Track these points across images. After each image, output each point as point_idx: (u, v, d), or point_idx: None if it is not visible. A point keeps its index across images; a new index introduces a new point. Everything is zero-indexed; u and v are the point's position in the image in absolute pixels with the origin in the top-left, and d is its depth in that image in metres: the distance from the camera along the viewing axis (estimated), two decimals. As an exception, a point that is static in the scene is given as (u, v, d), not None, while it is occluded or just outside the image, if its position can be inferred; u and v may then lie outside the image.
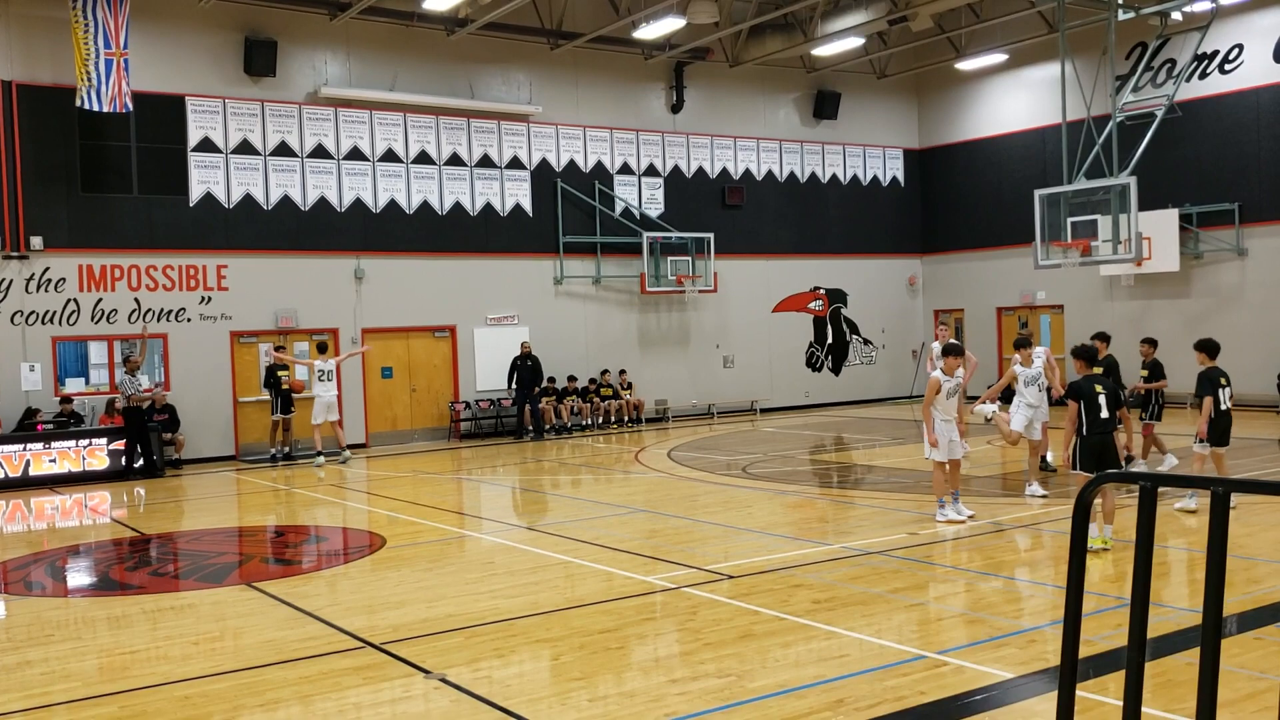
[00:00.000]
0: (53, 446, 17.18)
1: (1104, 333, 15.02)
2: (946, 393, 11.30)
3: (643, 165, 24.65)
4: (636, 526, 11.76)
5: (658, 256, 24.00)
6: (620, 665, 6.80)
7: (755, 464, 16.85)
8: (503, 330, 22.65)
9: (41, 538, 12.99)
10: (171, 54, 19.46)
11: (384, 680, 6.65)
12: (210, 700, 6.36)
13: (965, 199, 27.67)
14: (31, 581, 10.32)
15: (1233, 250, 22.49)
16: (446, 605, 8.46)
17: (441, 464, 18.52)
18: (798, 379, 26.82)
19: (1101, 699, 5.66)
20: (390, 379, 21.76)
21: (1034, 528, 10.89)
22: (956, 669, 6.44)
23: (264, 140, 20.30)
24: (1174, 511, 11.04)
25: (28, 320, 18.25)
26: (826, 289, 27.35)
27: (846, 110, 27.33)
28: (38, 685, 6.79)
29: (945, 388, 11.29)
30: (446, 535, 11.93)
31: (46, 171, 18.39)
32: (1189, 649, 6.47)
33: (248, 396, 20.16)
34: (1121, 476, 3.58)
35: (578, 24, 22.87)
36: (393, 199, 21.56)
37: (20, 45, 18.27)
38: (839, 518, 12.35)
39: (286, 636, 7.70)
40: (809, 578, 8.92)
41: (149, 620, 8.46)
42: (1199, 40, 22.26)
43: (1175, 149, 22.83)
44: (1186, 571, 8.91)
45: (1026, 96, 26.08)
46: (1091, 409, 9.36)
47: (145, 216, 19.24)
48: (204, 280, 19.73)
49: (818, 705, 5.87)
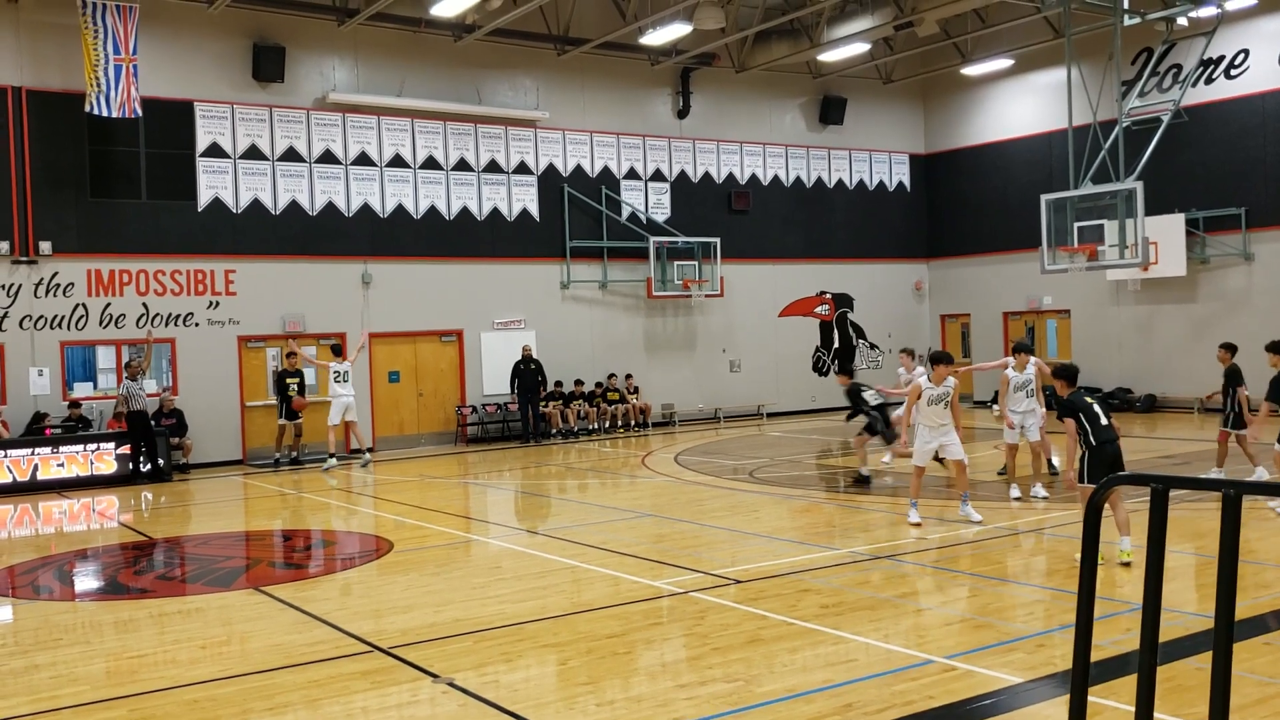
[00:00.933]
0: (61, 451, 17.22)
1: (1230, 343, 14.21)
2: (928, 400, 11.26)
3: (649, 170, 24.68)
4: (643, 531, 11.76)
5: (664, 261, 24.02)
6: (627, 670, 6.80)
7: (762, 468, 16.83)
8: (509, 335, 22.68)
9: (49, 542, 13.01)
10: (180, 60, 19.53)
11: (391, 684, 6.65)
12: (218, 704, 6.37)
13: (971, 204, 27.65)
14: (39, 585, 10.34)
15: (1239, 255, 22.45)
16: (454, 610, 8.46)
17: (448, 468, 18.53)
18: (804, 383, 26.80)
19: (1112, 704, 5.64)
20: (397, 383, 21.78)
21: (1043, 532, 10.87)
22: (965, 674, 6.42)
23: (272, 145, 20.36)
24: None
25: (36, 325, 18.30)
26: (833, 293, 27.34)
27: (852, 115, 27.34)
28: (46, 689, 6.80)
29: (927, 395, 11.26)
30: (453, 540, 11.94)
31: (56, 176, 18.45)
32: (1199, 654, 6.45)
33: (255, 401, 20.20)
34: (1132, 479, 3.57)
35: (585, 30, 22.91)
36: (400, 204, 21.60)
37: (30, 51, 18.34)
38: (846, 522, 12.33)
39: (294, 641, 7.71)
40: (816, 582, 8.90)
41: (157, 624, 8.47)
42: (1205, 45, 22.25)
43: (1182, 154, 22.80)
44: (1195, 575, 8.89)
45: (1032, 102, 26.07)
46: (1091, 419, 9.21)
47: (154, 221, 19.30)
48: (212, 285, 19.78)
49: (826, 710, 5.86)
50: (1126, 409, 23.84)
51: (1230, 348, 13.94)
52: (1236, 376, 13.43)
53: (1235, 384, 13.35)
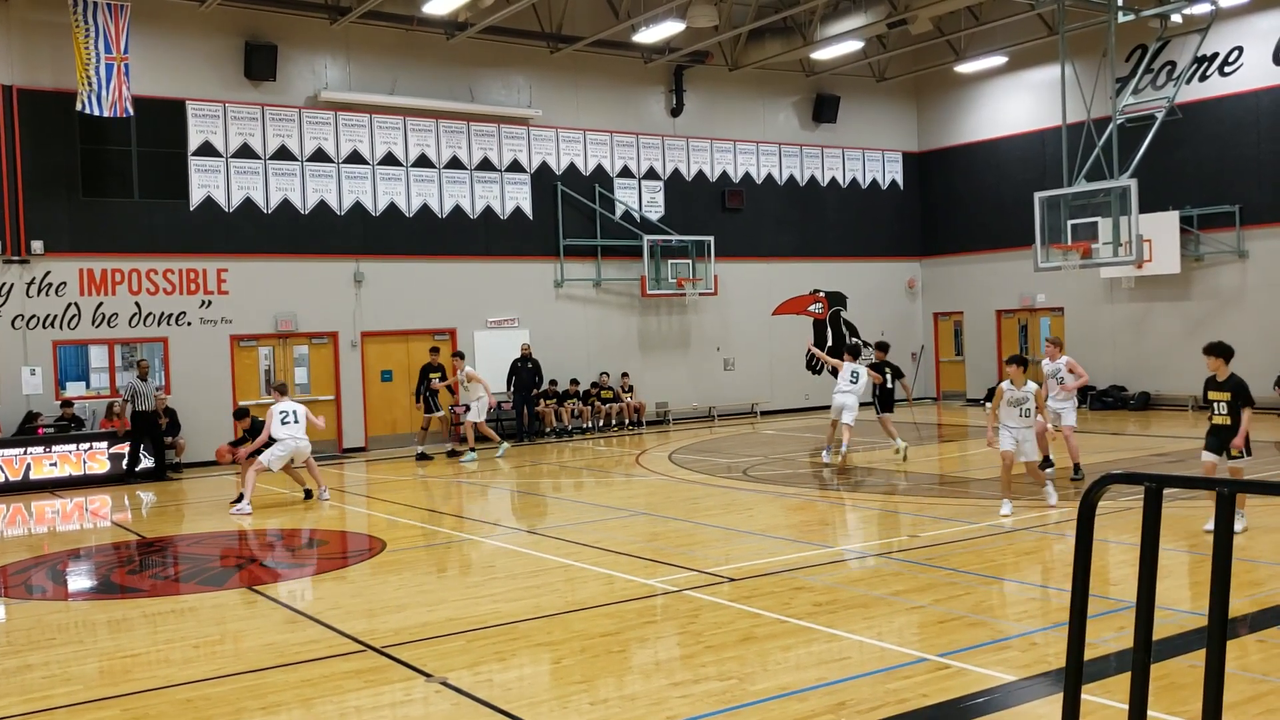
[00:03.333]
0: (53, 450, 17.18)
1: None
2: (1008, 401, 11.70)
3: (643, 168, 24.66)
4: (638, 529, 11.75)
5: (658, 259, 24.01)
6: (621, 668, 6.79)
7: (756, 466, 16.83)
8: (503, 333, 22.65)
9: (42, 541, 12.97)
10: (172, 58, 19.47)
11: (385, 684, 6.64)
12: (212, 703, 6.35)
13: (965, 202, 27.68)
14: (32, 585, 10.31)
15: (1233, 252, 22.49)
16: (447, 609, 8.44)
17: (442, 467, 18.50)
18: (798, 382, 26.81)
19: (1105, 701, 5.65)
20: (390, 382, 21.75)
21: (1036, 530, 10.88)
22: (959, 671, 6.43)
23: (264, 144, 20.31)
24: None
25: (29, 324, 18.25)
26: (826, 292, 27.35)
27: (846, 113, 27.34)
28: (39, 689, 6.78)
29: (1007, 396, 11.70)
30: (447, 539, 11.92)
31: (47, 176, 18.40)
32: (1192, 651, 6.45)
33: (248, 400, 20.13)
34: (1127, 478, 3.57)
35: (577, 28, 22.89)
36: (392, 202, 21.57)
37: (21, 50, 18.28)
38: (840, 520, 12.33)
39: (287, 640, 7.69)
40: (810, 580, 8.91)
41: (150, 624, 8.45)
42: (1199, 43, 22.28)
43: (1176, 151, 22.83)
44: (1189, 574, 8.90)
45: (1026, 99, 26.09)
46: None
47: (146, 220, 19.25)
48: (204, 284, 19.73)
49: (819, 708, 5.85)
50: (1121, 407, 23.88)
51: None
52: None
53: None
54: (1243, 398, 9.92)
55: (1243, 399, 9.91)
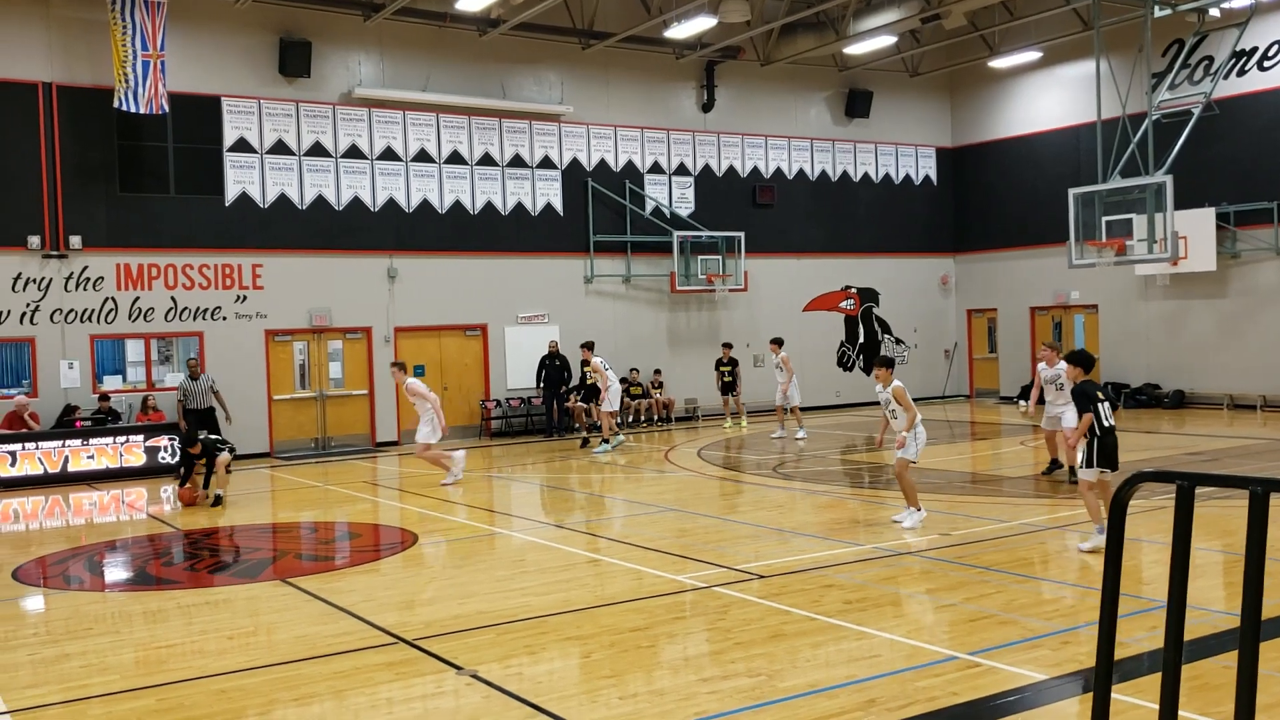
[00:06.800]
0: (91, 443, 17.40)
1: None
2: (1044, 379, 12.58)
3: (673, 164, 24.65)
4: (667, 525, 11.77)
5: (688, 255, 23.99)
6: (650, 663, 6.82)
7: (786, 463, 16.81)
8: (533, 329, 22.73)
9: (80, 533, 13.16)
10: (207, 55, 19.67)
11: (416, 676, 6.70)
12: (246, 694, 6.43)
13: (998, 198, 27.47)
14: (70, 576, 10.47)
15: (1271, 250, 22.18)
16: (478, 602, 8.50)
17: (472, 462, 18.56)
18: (829, 378, 26.71)
19: (1137, 701, 5.61)
20: (422, 377, 21.79)
21: (1067, 529, 10.80)
22: (989, 670, 6.41)
23: (298, 140, 20.48)
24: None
25: (67, 318, 18.50)
26: (858, 288, 27.24)
27: (878, 109, 27.20)
28: (76, 678, 6.90)
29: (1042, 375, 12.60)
30: (478, 533, 12.00)
31: (85, 172, 18.64)
32: (1224, 652, 6.40)
33: (282, 394, 20.36)
34: (1159, 476, 3.56)
35: (609, 24, 22.90)
36: (425, 199, 21.69)
37: (60, 47, 18.52)
38: (870, 518, 12.30)
39: (320, 632, 7.77)
40: (840, 578, 8.89)
41: (185, 615, 8.56)
42: (1237, 37, 21.99)
43: (1212, 147, 22.55)
44: (1222, 573, 8.81)
45: (1061, 94, 25.84)
46: (1102, 407, 9.64)
47: (182, 216, 19.46)
48: (239, 279, 19.93)
49: (849, 705, 5.85)
50: (1155, 405, 23.63)
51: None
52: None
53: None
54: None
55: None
